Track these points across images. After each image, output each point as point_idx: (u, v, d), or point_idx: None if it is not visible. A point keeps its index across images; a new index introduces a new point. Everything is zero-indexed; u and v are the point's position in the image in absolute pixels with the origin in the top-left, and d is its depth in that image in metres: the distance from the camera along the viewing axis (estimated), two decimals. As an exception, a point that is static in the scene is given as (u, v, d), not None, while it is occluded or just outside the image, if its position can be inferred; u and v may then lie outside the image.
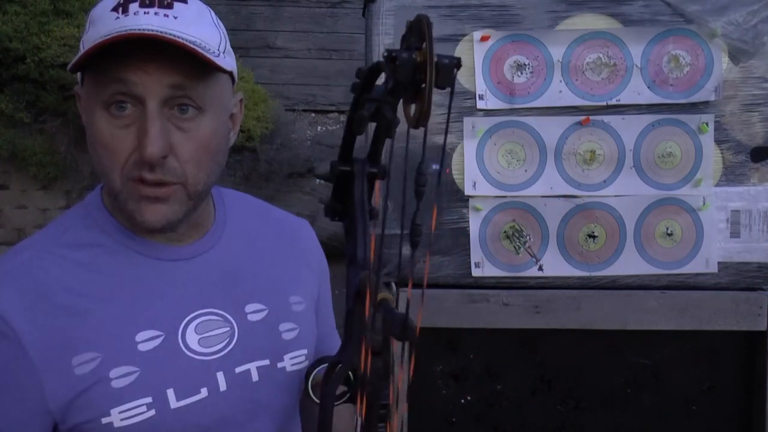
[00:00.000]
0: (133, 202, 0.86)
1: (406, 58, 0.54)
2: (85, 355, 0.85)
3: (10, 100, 3.78)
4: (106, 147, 0.85)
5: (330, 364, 0.72)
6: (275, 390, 0.97)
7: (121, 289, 0.89)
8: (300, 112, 4.60)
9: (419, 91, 0.55)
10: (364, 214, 0.75)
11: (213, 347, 0.92)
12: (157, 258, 0.93)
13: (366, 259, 0.71)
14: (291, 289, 1.04)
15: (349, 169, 0.77)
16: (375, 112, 0.65)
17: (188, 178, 0.87)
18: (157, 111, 0.83)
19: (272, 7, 4.82)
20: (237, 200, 1.08)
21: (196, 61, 0.83)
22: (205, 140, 0.87)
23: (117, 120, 0.84)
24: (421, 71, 0.54)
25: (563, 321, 1.50)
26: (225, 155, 0.94)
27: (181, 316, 0.91)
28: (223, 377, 0.92)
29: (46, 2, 3.67)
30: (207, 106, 0.87)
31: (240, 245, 1.01)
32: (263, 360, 0.96)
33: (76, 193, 4.03)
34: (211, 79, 0.87)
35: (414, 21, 0.55)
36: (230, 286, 0.97)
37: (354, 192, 0.76)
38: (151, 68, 0.82)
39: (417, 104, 0.55)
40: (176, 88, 0.83)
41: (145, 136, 0.82)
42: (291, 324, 1.01)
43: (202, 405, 0.89)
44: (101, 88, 0.84)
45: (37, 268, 0.88)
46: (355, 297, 0.70)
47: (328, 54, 4.81)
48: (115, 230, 0.92)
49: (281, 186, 3.98)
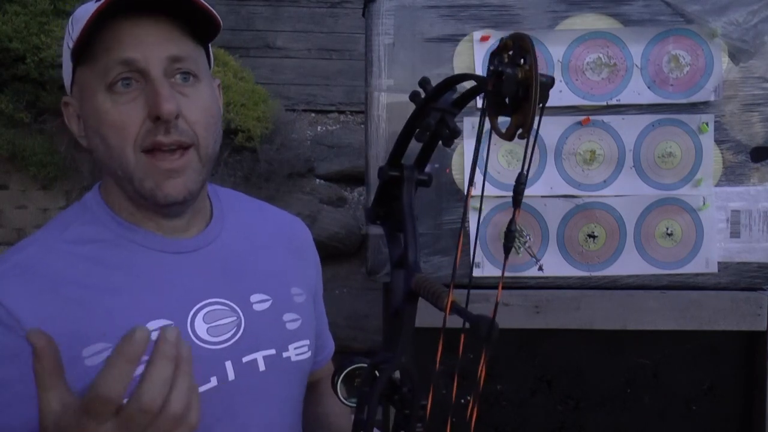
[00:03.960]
0: (150, 180, 0.88)
1: (512, 73, 0.56)
2: (96, 345, 0.85)
3: (10, 100, 3.77)
4: (115, 124, 0.86)
5: (370, 365, 0.72)
6: (281, 379, 0.98)
7: (128, 280, 0.90)
8: (300, 112, 4.60)
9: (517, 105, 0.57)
10: (412, 218, 0.77)
11: (221, 336, 0.93)
12: (160, 250, 0.93)
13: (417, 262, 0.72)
14: (292, 281, 1.05)
15: (398, 174, 0.78)
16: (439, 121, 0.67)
17: (200, 139, 0.90)
18: (161, 76, 0.86)
19: (272, 7, 4.81)
20: (231, 197, 1.10)
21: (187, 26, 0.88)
22: (206, 104, 0.91)
23: (123, 96, 0.86)
24: (522, 86, 0.56)
25: (563, 321, 1.50)
26: (221, 126, 0.97)
27: (189, 306, 0.92)
28: (231, 366, 0.92)
29: (46, 2, 3.67)
30: (201, 75, 0.91)
31: (241, 238, 1.02)
32: (269, 349, 0.97)
33: (76, 193, 4.02)
34: (197, 52, 0.92)
35: (513, 38, 0.57)
36: (234, 277, 0.98)
37: (403, 197, 0.77)
38: (148, 40, 0.86)
39: (516, 118, 0.57)
40: (175, 58, 0.87)
41: (158, 96, 0.85)
42: (294, 315, 1.02)
43: (211, 394, 0.90)
44: (101, 70, 0.86)
45: (41, 261, 0.88)
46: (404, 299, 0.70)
47: (328, 54, 4.81)
48: (116, 225, 0.93)
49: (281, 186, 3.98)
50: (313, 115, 4.73)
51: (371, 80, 1.54)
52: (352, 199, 4.16)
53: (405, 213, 0.76)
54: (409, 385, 0.69)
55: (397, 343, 0.70)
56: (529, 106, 0.55)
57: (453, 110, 0.66)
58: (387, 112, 1.53)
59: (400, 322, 0.70)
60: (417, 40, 1.54)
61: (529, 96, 0.55)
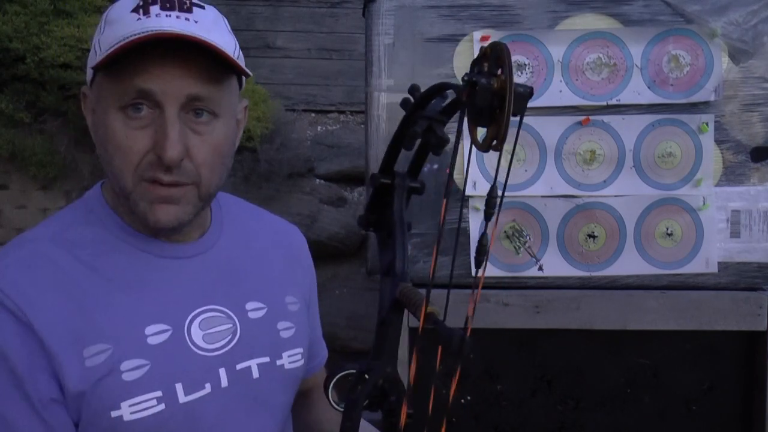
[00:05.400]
0: (145, 204, 0.87)
1: (486, 84, 0.55)
2: (97, 346, 0.85)
3: (10, 100, 3.77)
4: (120, 147, 0.85)
5: (358, 372, 0.72)
6: (274, 387, 0.98)
7: (127, 284, 0.90)
8: (300, 112, 4.60)
9: (493, 116, 0.56)
10: (403, 226, 0.77)
11: (216, 343, 0.93)
12: (159, 255, 0.93)
13: (405, 271, 0.72)
14: (286, 289, 1.06)
15: (390, 182, 0.78)
16: (426, 129, 0.66)
17: (202, 179, 0.88)
18: (175, 115, 0.84)
19: (272, 7, 4.81)
20: (232, 203, 1.09)
21: (215, 67, 0.85)
22: (218, 144, 0.89)
23: (133, 121, 0.85)
24: (498, 97, 0.55)
25: (563, 321, 1.50)
26: (232, 159, 0.95)
27: (186, 312, 0.92)
28: (224, 373, 0.92)
29: (46, 2, 3.67)
30: (221, 112, 0.88)
31: (238, 245, 1.02)
32: (263, 357, 0.97)
33: (76, 193, 4.02)
34: (226, 86, 0.89)
35: (492, 47, 0.56)
36: (230, 285, 0.98)
37: (394, 204, 0.77)
38: (171, 75, 0.83)
39: (491, 129, 0.56)
40: (194, 97, 0.85)
41: (166, 139, 0.83)
42: (288, 323, 1.02)
43: (205, 401, 0.90)
44: (119, 91, 0.84)
45: (43, 258, 0.88)
46: (389, 308, 0.70)
47: (328, 54, 4.80)
48: (118, 228, 0.93)
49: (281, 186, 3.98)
50: (313, 115, 4.73)
51: (371, 80, 1.54)
52: (352, 199, 4.16)
53: (395, 221, 0.76)
54: (395, 394, 0.69)
55: (383, 352, 0.70)
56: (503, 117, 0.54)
57: (441, 118, 0.66)
58: (387, 112, 1.53)
59: (386, 331, 0.70)
60: (417, 40, 1.54)
61: (504, 107, 0.54)
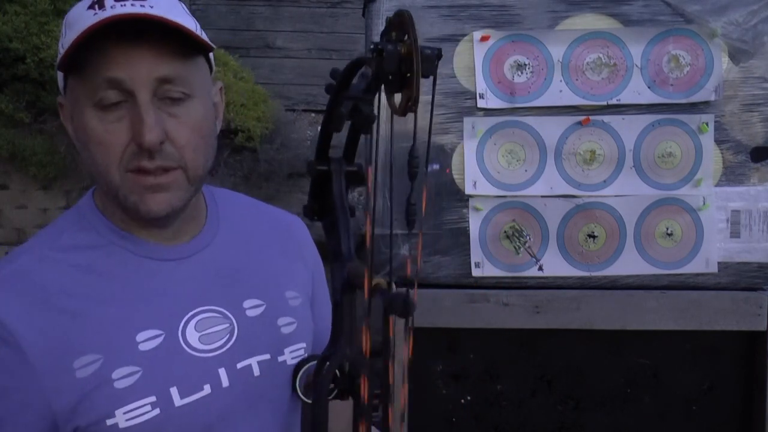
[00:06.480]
0: (134, 195, 0.87)
1: (392, 49, 0.58)
2: (86, 357, 0.85)
3: (10, 100, 3.78)
4: (101, 143, 0.85)
5: (320, 359, 0.72)
6: (277, 384, 0.98)
7: (119, 290, 0.90)
8: (300, 112, 4.60)
9: (405, 80, 0.59)
10: (344, 210, 0.78)
11: (213, 344, 0.93)
12: (152, 258, 0.93)
13: (351, 252, 0.72)
14: (286, 284, 1.05)
15: (327, 169, 0.78)
16: (352, 109, 0.67)
17: (187, 162, 0.88)
18: (148, 100, 0.84)
19: (272, 7, 4.81)
20: (228, 198, 1.09)
21: (179, 47, 0.85)
22: (197, 124, 0.89)
23: (109, 115, 0.84)
24: (406, 62, 0.58)
25: (563, 321, 1.50)
26: (215, 140, 0.95)
27: (181, 315, 0.92)
28: (225, 373, 0.92)
29: (46, 2, 3.67)
30: (194, 92, 0.88)
31: (235, 242, 1.02)
32: (264, 354, 0.97)
33: (76, 193, 4.03)
34: (192, 65, 0.89)
35: (395, 16, 0.59)
36: (227, 283, 0.97)
37: (333, 190, 0.77)
38: (137, 59, 0.83)
39: (405, 92, 0.59)
40: (164, 79, 0.85)
41: (142, 125, 0.83)
42: (289, 318, 1.02)
43: (205, 402, 0.90)
44: (90, 88, 0.84)
45: (34, 272, 0.88)
46: (342, 290, 0.71)
47: (328, 54, 4.81)
48: (109, 232, 0.93)
49: (281, 186, 3.98)
50: (313, 115, 4.73)
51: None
52: (352, 199, 4.15)
53: (336, 205, 0.77)
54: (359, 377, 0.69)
55: (341, 334, 0.71)
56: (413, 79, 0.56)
57: (366, 97, 0.67)
58: (387, 112, 1.53)
59: (341, 314, 0.71)
60: (417, 40, 1.53)
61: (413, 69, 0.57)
